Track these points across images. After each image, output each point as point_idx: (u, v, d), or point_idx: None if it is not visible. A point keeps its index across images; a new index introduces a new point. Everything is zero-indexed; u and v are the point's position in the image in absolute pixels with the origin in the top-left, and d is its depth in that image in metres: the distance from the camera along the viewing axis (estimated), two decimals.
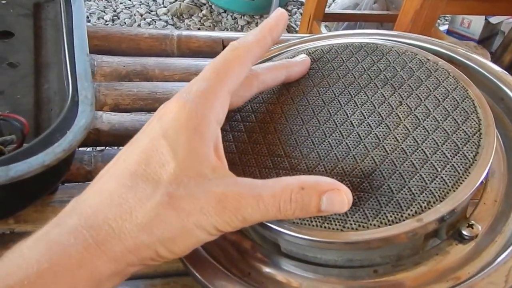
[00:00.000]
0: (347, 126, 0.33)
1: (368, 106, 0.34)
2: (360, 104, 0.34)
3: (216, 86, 0.29)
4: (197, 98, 0.28)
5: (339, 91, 0.36)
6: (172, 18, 2.00)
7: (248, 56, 0.31)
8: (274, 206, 0.27)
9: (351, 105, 0.34)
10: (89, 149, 0.48)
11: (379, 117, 0.33)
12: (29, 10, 0.55)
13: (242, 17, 2.05)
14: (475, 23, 1.70)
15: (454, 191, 0.28)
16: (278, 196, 0.27)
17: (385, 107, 0.34)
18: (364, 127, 0.33)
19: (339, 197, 0.27)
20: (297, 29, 1.98)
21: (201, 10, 2.06)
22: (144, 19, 1.97)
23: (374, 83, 0.36)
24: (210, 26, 1.99)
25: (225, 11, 2.08)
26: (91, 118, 0.34)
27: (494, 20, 1.68)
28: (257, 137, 0.35)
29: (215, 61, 0.30)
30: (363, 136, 0.32)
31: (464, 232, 0.29)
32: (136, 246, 0.25)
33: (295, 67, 0.37)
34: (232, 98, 0.30)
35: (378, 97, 0.34)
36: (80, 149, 0.46)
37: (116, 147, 0.49)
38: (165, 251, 0.26)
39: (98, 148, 0.48)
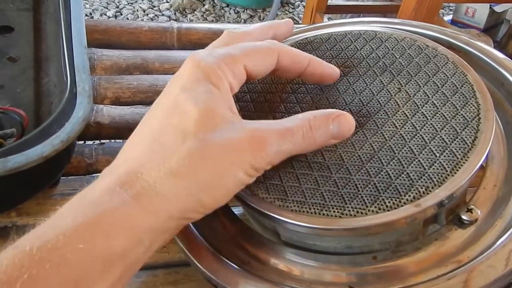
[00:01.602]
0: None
1: (366, 93, 0.34)
2: (358, 92, 0.34)
3: (235, 56, 0.29)
4: (214, 59, 0.28)
5: (338, 79, 0.35)
6: (175, 13, 2.00)
7: (277, 57, 0.32)
8: (299, 135, 0.28)
9: (349, 93, 0.34)
10: (90, 142, 0.48)
11: (377, 104, 0.33)
12: (29, 5, 0.55)
13: (245, 11, 2.04)
14: (480, 12, 1.68)
15: (452, 176, 0.28)
16: (300, 126, 0.28)
17: (384, 94, 0.33)
18: (363, 114, 0.32)
19: (345, 120, 0.29)
20: (300, 22, 1.97)
21: (204, 5, 2.06)
22: (147, 14, 1.97)
23: (373, 70, 0.35)
24: (213, 20, 1.99)
25: (227, 5, 2.07)
26: (89, 109, 0.34)
27: (498, 8, 1.67)
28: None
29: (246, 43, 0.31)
30: (361, 123, 0.32)
31: (464, 217, 0.29)
32: (175, 196, 0.25)
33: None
34: (251, 67, 0.30)
35: (377, 84, 0.34)
36: (81, 142, 0.47)
37: (117, 140, 0.49)
38: (207, 197, 0.26)
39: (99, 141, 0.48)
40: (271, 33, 0.35)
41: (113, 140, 0.49)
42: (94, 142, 0.47)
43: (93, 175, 0.44)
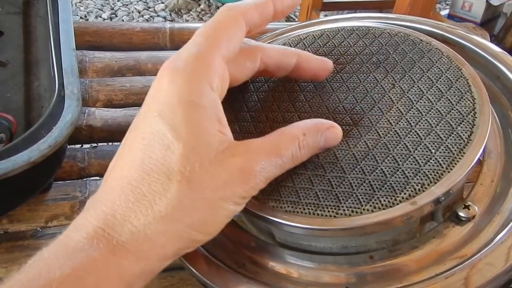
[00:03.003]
0: (339, 111, 0.32)
1: (360, 90, 0.33)
2: (352, 89, 0.33)
3: (207, 50, 0.26)
4: (187, 65, 0.25)
5: (331, 76, 0.35)
6: (170, 14, 1.99)
7: (242, 18, 0.28)
8: (288, 157, 0.27)
9: (343, 90, 0.34)
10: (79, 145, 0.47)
11: (371, 101, 0.32)
12: (19, 8, 0.54)
13: None
14: (476, 6, 1.67)
15: (448, 172, 0.27)
16: (290, 148, 0.27)
17: (378, 91, 0.33)
18: (357, 111, 0.32)
19: (333, 133, 0.29)
20: (296, 19, 1.97)
21: (199, 5, 2.05)
22: (142, 15, 1.97)
23: (366, 66, 0.35)
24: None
25: (223, 5, 2.07)
26: (77, 113, 0.34)
27: (495, 2, 1.66)
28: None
29: (205, 24, 0.27)
30: (355, 121, 0.31)
31: (461, 214, 0.29)
32: (166, 240, 0.24)
33: (310, 58, 0.33)
34: (234, 69, 0.28)
35: (371, 80, 0.34)
36: (73, 146, 0.46)
37: (109, 143, 0.49)
38: (199, 234, 0.25)
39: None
40: (295, 59, 0.32)
41: (105, 143, 0.48)
42: (82, 146, 0.47)
43: (86, 179, 0.43)
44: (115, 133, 0.46)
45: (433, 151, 0.28)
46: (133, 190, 0.24)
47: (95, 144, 0.47)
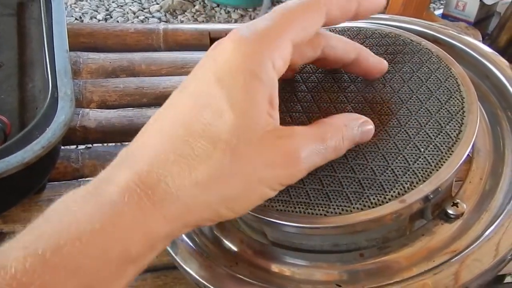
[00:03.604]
0: (330, 111, 0.33)
1: (351, 90, 0.34)
2: (343, 88, 0.34)
3: (280, 29, 0.25)
4: (255, 37, 0.24)
5: (322, 76, 0.35)
6: (165, 15, 2.00)
7: (325, 9, 0.27)
8: (331, 147, 0.26)
9: (334, 90, 0.34)
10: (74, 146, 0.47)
11: (362, 100, 0.33)
12: (13, 10, 0.54)
13: (236, 10, 2.04)
14: (470, 5, 1.68)
15: (437, 170, 0.27)
16: (334, 137, 0.26)
17: (369, 90, 0.33)
18: (348, 111, 0.32)
19: (369, 127, 0.29)
20: None
21: (194, 6, 2.05)
22: (137, 17, 1.97)
23: None
24: (203, 21, 1.98)
25: (218, 5, 2.07)
26: (71, 114, 0.34)
27: (489, 1, 1.67)
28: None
29: (288, 3, 0.26)
30: None
31: (450, 211, 0.29)
32: (196, 207, 0.23)
33: (369, 56, 0.32)
34: (294, 53, 0.27)
35: (361, 80, 0.34)
36: (67, 147, 0.46)
37: (103, 144, 0.49)
38: (227, 210, 0.24)
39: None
40: (355, 53, 0.31)
41: (100, 144, 0.49)
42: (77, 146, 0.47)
43: (80, 180, 0.44)
44: (109, 134, 0.47)
45: (422, 149, 0.29)
46: (175, 151, 0.23)
47: (89, 145, 0.48)
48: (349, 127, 0.28)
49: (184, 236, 0.33)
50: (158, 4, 2.04)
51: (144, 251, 0.23)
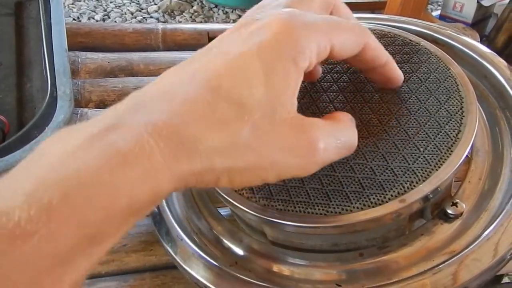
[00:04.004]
0: (330, 111, 0.33)
1: (350, 90, 0.34)
2: (342, 88, 0.34)
3: (327, 31, 0.25)
4: (306, 28, 0.24)
5: (321, 76, 0.35)
6: (163, 15, 1.99)
7: (364, 44, 0.28)
8: (347, 144, 0.26)
9: (333, 90, 0.34)
10: None
11: (361, 100, 0.33)
12: (11, 10, 0.54)
13: (234, 11, 2.04)
14: (468, 7, 1.68)
15: (436, 170, 0.28)
16: (350, 134, 0.26)
17: (368, 90, 0.33)
18: (347, 110, 0.32)
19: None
20: None
21: (192, 6, 2.05)
22: (135, 17, 1.96)
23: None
24: (201, 21, 1.98)
25: (216, 6, 2.07)
26: (70, 113, 0.34)
27: (486, 2, 1.67)
28: None
29: (340, 19, 0.27)
30: None
31: (449, 211, 0.29)
32: (203, 169, 0.23)
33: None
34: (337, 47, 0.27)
35: (361, 80, 0.34)
36: None
37: None
38: (227, 180, 0.24)
39: None
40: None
41: None
42: None
43: None
44: None
45: (421, 149, 0.29)
46: (195, 109, 0.22)
47: None
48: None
49: (183, 235, 0.33)
50: (156, 4, 2.03)
51: (147, 205, 0.22)
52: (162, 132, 0.22)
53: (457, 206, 0.29)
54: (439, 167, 0.28)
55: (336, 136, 0.25)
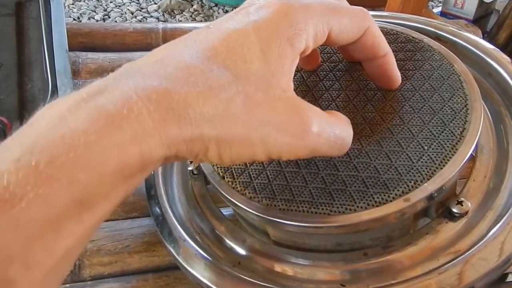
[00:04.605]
0: (332, 109, 0.32)
1: (353, 88, 0.33)
2: (345, 87, 0.34)
3: (326, 15, 0.25)
4: (304, 9, 0.24)
5: (324, 74, 0.35)
6: (163, 15, 1.99)
7: (366, 28, 0.27)
8: (340, 139, 0.26)
9: (336, 88, 0.34)
10: None
11: (364, 98, 0.32)
12: (11, 10, 0.54)
13: (234, 9, 2.03)
14: (469, 3, 1.68)
15: (441, 168, 0.27)
16: (345, 131, 0.26)
17: (370, 88, 0.33)
18: (350, 109, 0.32)
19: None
20: None
21: (192, 5, 2.05)
22: (135, 17, 1.96)
23: (359, 64, 0.35)
24: (202, 20, 1.98)
25: (216, 5, 2.06)
26: None
27: None
28: None
29: (342, 3, 0.27)
30: (348, 118, 0.31)
31: (454, 210, 0.29)
32: (192, 136, 0.22)
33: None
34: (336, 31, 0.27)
35: (363, 78, 0.34)
36: None
37: None
38: (215, 153, 0.23)
39: None
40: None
41: None
42: None
43: None
44: None
45: (425, 147, 0.28)
46: (189, 74, 0.22)
47: None
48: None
49: (186, 236, 0.33)
50: (156, 4, 2.03)
51: (136, 171, 0.22)
52: (152, 95, 0.21)
53: (462, 205, 0.29)
54: (443, 166, 0.27)
55: (332, 127, 0.25)
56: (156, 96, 0.21)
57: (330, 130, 0.25)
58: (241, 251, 0.32)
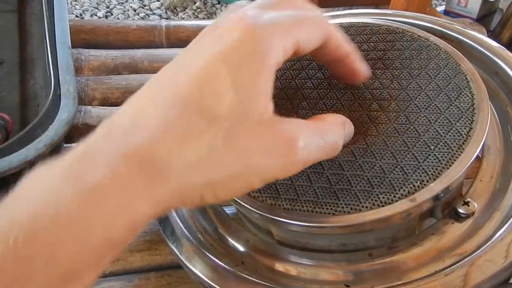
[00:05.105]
0: (338, 108, 0.32)
1: (358, 87, 0.33)
2: (350, 85, 0.33)
3: (290, 26, 0.25)
4: (268, 25, 0.24)
5: (329, 73, 0.35)
6: (166, 12, 1.99)
7: (327, 35, 0.27)
8: (330, 143, 0.26)
9: (340, 87, 0.33)
10: None
11: (369, 97, 0.32)
12: (14, 6, 0.54)
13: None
14: (472, 2, 1.67)
15: (447, 168, 0.27)
16: (335, 133, 0.26)
17: (376, 87, 0.33)
18: (355, 108, 0.32)
19: (351, 129, 0.29)
20: None
21: (195, 3, 2.05)
22: (138, 14, 1.96)
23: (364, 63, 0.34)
24: (204, 18, 1.97)
25: (219, 2, 2.06)
26: (74, 111, 0.33)
27: None
28: None
29: (303, 11, 0.26)
30: (353, 117, 0.31)
31: (460, 210, 0.29)
32: (181, 187, 0.22)
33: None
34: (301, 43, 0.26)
35: (370, 77, 0.33)
36: (70, 144, 0.46)
37: None
38: (211, 195, 0.23)
39: None
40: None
41: None
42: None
43: None
44: None
45: (432, 147, 0.28)
46: (166, 126, 0.22)
47: None
48: (345, 127, 0.28)
49: (188, 235, 0.33)
50: (158, 1, 2.03)
51: (125, 236, 0.21)
52: (135, 158, 0.21)
53: (468, 205, 0.29)
54: (450, 166, 0.27)
55: (318, 135, 0.25)
56: (138, 157, 0.21)
57: (317, 139, 0.25)
58: (244, 250, 0.32)
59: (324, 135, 0.25)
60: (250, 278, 0.29)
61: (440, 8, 1.79)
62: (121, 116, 0.23)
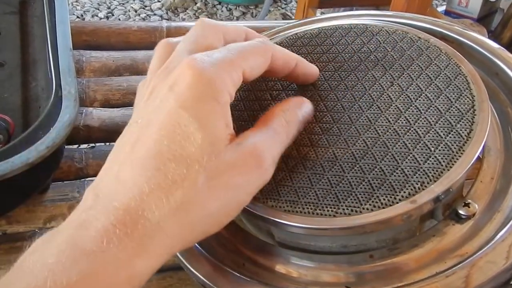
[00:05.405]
0: (338, 109, 0.32)
1: (358, 88, 0.33)
2: (350, 87, 0.33)
3: (234, 63, 0.27)
4: (213, 67, 0.26)
5: (329, 74, 0.35)
6: (167, 13, 1.99)
7: (270, 59, 0.30)
8: (280, 131, 0.28)
9: (341, 88, 0.33)
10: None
11: (370, 99, 0.32)
12: (15, 8, 0.54)
13: (237, 8, 2.03)
14: (473, 2, 1.67)
15: (448, 170, 0.27)
16: (277, 122, 0.28)
17: (376, 88, 0.33)
18: (355, 109, 0.32)
19: (308, 108, 0.31)
20: (293, 17, 1.96)
21: (196, 3, 2.05)
22: (139, 14, 1.96)
23: (365, 64, 0.35)
24: None
25: (219, 3, 2.06)
26: (75, 113, 0.33)
27: None
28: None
29: (241, 44, 0.29)
30: (354, 119, 0.31)
31: (461, 212, 0.29)
32: (180, 233, 0.24)
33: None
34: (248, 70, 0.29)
35: (369, 78, 0.33)
36: (71, 146, 0.46)
37: (107, 143, 0.49)
38: (210, 226, 0.25)
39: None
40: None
41: (103, 144, 0.48)
42: (80, 146, 0.46)
43: (84, 179, 0.43)
44: (113, 133, 0.46)
45: (432, 149, 0.28)
46: (148, 181, 0.23)
47: (93, 144, 0.47)
48: (289, 110, 0.29)
49: None
50: (159, 1, 2.03)
51: None
52: (125, 218, 0.22)
53: (469, 207, 0.29)
54: (450, 167, 0.27)
55: (267, 132, 0.27)
56: (129, 217, 0.22)
57: (269, 136, 0.27)
58: (245, 252, 0.32)
59: (270, 129, 0.28)
60: (251, 280, 0.29)
61: (441, 9, 1.79)
62: (101, 183, 0.25)
